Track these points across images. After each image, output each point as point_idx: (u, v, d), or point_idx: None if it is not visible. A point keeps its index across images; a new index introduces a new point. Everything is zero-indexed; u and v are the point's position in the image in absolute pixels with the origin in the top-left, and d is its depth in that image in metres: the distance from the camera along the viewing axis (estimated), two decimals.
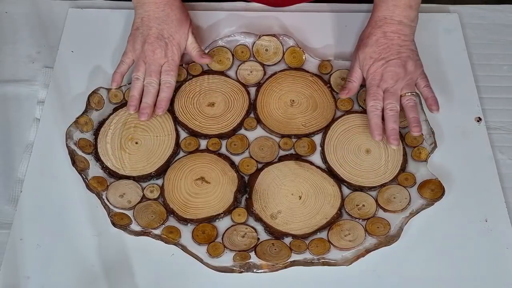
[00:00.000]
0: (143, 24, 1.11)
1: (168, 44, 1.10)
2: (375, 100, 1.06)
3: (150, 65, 1.10)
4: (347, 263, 0.96)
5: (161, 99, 1.10)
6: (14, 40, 1.24)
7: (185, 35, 1.13)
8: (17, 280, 0.97)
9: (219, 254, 0.97)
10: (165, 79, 1.10)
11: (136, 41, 1.11)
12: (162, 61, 1.10)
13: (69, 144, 1.05)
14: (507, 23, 1.28)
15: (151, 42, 1.09)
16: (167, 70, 1.10)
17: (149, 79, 1.10)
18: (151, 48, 1.09)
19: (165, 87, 1.10)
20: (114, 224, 0.98)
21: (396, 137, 1.04)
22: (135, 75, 1.10)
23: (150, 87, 1.10)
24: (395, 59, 1.07)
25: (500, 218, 1.04)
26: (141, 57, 1.10)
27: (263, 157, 1.09)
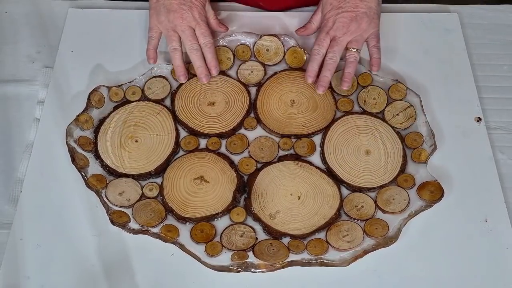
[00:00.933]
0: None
1: (192, 7, 1.11)
2: (319, 46, 1.11)
3: (184, 31, 1.11)
4: (345, 264, 0.96)
5: (210, 60, 1.13)
6: (14, 40, 1.24)
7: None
8: (17, 280, 0.97)
9: (217, 253, 0.97)
10: (204, 41, 1.12)
11: (160, 13, 1.11)
12: (193, 24, 1.11)
13: (69, 142, 1.05)
14: (507, 23, 1.28)
15: (175, 9, 1.10)
16: (202, 32, 1.12)
17: (190, 44, 1.11)
18: (178, 15, 1.10)
19: (207, 48, 1.12)
20: (112, 222, 0.98)
21: (325, 86, 1.10)
22: (172, 46, 1.12)
23: (194, 50, 1.11)
24: (350, 12, 1.10)
25: (500, 218, 1.04)
26: (170, 27, 1.11)
27: (263, 157, 1.09)
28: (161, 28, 1.12)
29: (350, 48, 1.11)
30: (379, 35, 1.13)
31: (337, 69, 1.13)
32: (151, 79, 1.16)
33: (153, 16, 1.12)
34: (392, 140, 1.09)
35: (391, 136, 1.09)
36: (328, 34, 1.10)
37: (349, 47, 1.11)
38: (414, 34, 1.24)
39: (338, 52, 1.10)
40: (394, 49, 1.19)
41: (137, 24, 1.25)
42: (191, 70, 1.17)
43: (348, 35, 1.10)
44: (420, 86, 1.15)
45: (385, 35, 1.22)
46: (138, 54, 1.20)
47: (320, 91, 1.10)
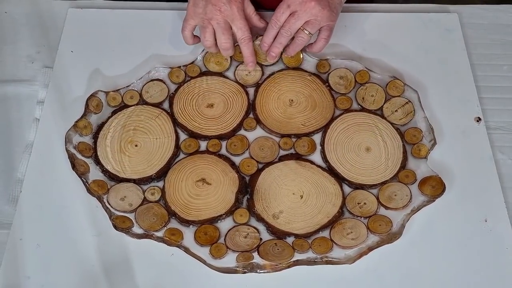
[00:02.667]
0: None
1: (231, 1, 1.09)
2: (278, 18, 1.11)
3: (220, 23, 1.10)
4: (350, 261, 0.96)
5: (248, 56, 1.14)
6: (14, 40, 1.24)
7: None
8: (17, 280, 0.97)
9: (222, 255, 0.97)
10: (242, 36, 1.12)
11: (198, 5, 1.10)
12: (230, 19, 1.10)
13: (69, 148, 1.05)
14: (507, 23, 1.29)
15: (214, 2, 1.08)
16: (240, 27, 1.11)
17: (224, 40, 1.12)
18: (216, 7, 1.09)
19: (245, 44, 1.12)
20: (116, 227, 0.98)
21: (274, 56, 1.15)
22: (205, 41, 1.12)
23: (226, 50, 1.13)
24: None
25: (500, 218, 1.04)
26: (206, 18, 1.10)
27: (264, 157, 1.08)
28: (197, 19, 1.11)
29: (303, 29, 1.11)
30: (333, 30, 1.14)
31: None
32: (148, 83, 1.15)
33: (191, 8, 1.12)
34: (391, 136, 1.09)
35: (391, 132, 1.10)
36: (289, 8, 1.10)
37: (303, 28, 1.11)
38: (414, 34, 1.24)
39: (293, 29, 1.11)
40: (394, 49, 1.19)
41: (137, 24, 1.25)
42: (188, 73, 1.17)
43: (308, 14, 1.09)
44: (420, 86, 1.14)
45: (385, 35, 1.23)
46: (138, 54, 1.20)
47: (271, 60, 1.16)
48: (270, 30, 1.12)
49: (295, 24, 1.10)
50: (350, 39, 1.23)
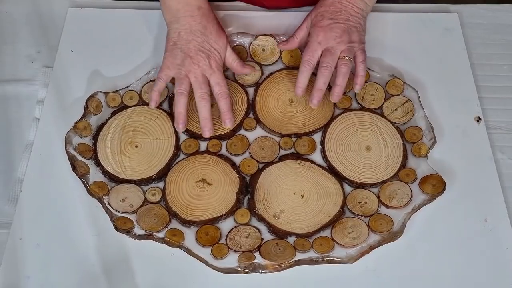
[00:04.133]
0: (180, 39, 1.08)
1: (210, 55, 1.07)
2: (311, 56, 1.08)
3: (197, 78, 1.06)
4: (351, 261, 0.96)
5: (224, 111, 1.07)
6: (14, 40, 1.24)
7: (224, 45, 1.10)
8: (17, 279, 0.96)
9: (223, 256, 0.97)
10: (219, 91, 1.07)
11: (176, 57, 1.07)
12: (208, 73, 1.07)
13: (69, 150, 1.05)
14: (507, 22, 1.29)
15: (192, 55, 1.06)
16: (218, 82, 1.07)
17: (201, 92, 1.05)
18: (194, 61, 1.06)
19: (222, 99, 1.07)
20: (117, 228, 0.97)
21: (319, 99, 1.08)
22: (179, 89, 1.05)
23: (204, 100, 1.05)
24: (342, 23, 1.09)
25: (500, 218, 1.04)
26: (184, 71, 1.06)
27: (264, 157, 1.08)
28: (174, 71, 1.07)
29: (343, 57, 1.08)
30: (365, 52, 1.11)
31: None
32: (148, 83, 1.15)
33: (167, 58, 1.08)
34: (391, 135, 1.09)
35: (391, 131, 1.10)
36: (320, 44, 1.08)
37: (342, 56, 1.08)
38: (414, 33, 1.24)
39: (332, 62, 1.07)
40: (394, 49, 1.19)
41: (137, 24, 1.25)
42: None
43: (341, 45, 1.08)
44: (420, 86, 1.14)
45: (385, 34, 1.23)
46: (138, 54, 1.20)
47: (313, 106, 1.08)
48: (304, 73, 1.08)
49: (333, 58, 1.07)
50: None
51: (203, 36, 1.07)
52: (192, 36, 1.07)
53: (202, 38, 1.07)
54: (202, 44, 1.07)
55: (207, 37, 1.08)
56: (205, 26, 1.08)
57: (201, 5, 1.08)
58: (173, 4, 1.08)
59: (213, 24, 1.09)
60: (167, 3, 1.08)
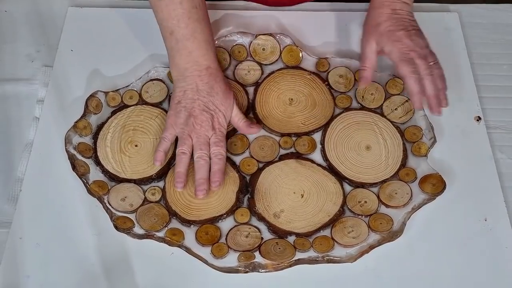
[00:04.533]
0: (186, 97, 1.04)
1: (214, 116, 1.05)
2: (413, 65, 1.05)
3: (199, 138, 1.04)
4: (351, 260, 0.96)
5: (215, 171, 1.03)
6: (13, 39, 1.24)
7: (230, 106, 1.07)
8: (17, 279, 0.96)
9: (223, 255, 0.97)
10: (216, 151, 1.04)
11: (179, 116, 1.04)
12: (210, 134, 1.04)
13: (69, 149, 1.05)
14: (507, 22, 1.29)
15: (196, 115, 1.04)
16: (216, 141, 1.04)
17: (200, 152, 1.03)
18: (197, 121, 1.04)
19: (217, 159, 1.04)
20: (117, 228, 0.97)
21: (439, 102, 1.05)
22: (181, 149, 1.03)
23: (202, 160, 1.03)
24: (414, 30, 1.08)
25: (499, 218, 1.04)
26: (187, 131, 1.04)
27: (264, 156, 1.08)
28: (177, 130, 1.05)
29: (431, 62, 1.06)
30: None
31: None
32: (148, 83, 1.15)
33: (171, 117, 1.05)
34: (391, 134, 1.09)
35: (391, 130, 1.10)
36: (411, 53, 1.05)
37: (429, 61, 1.06)
38: None
39: (432, 66, 1.06)
40: None
41: (137, 23, 1.25)
42: None
43: (425, 50, 1.07)
44: None
45: None
46: (137, 53, 1.20)
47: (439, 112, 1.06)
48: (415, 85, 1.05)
49: (427, 62, 1.06)
50: (350, 38, 1.23)
51: (209, 96, 1.04)
52: (197, 95, 1.04)
53: (207, 98, 1.04)
54: (207, 104, 1.04)
55: (213, 98, 1.04)
56: (212, 86, 1.05)
57: (210, 65, 1.05)
58: (181, 62, 1.04)
59: (221, 84, 1.06)
60: (176, 61, 1.05)
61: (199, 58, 1.03)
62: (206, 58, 1.04)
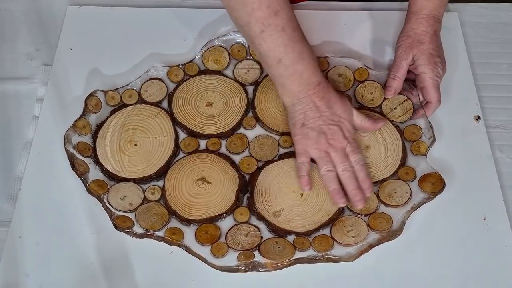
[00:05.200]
0: (308, 118, 1.02)
1: (341, 126, 1.03)
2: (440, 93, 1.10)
3: (337, 152, 1.02)
4: (351, 259, 0.96)
5: (363, 179, 1.02)
6: (13, 38, 1.24)
7: (351, 111, 1.05)
8: (16, 278, 0.96)
9: (223, 254, 0.97)
10: (355, 159, 1.03)
11: (308, 137, 1.03)
12: (344, 144, 1.03)
13: (68, 148, 1.04)
14: (506, 21, 1.29)
15: (325, 131, 1.02)
16: (352, 150, 1.03)
17: (343, 165, 1.02)
18: (329, 137, 1.02)
19: (359, 167, 1.03)
20: (116, 227, 0.97)
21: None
22: (326, 168, 1.02)
23: (348, 173, 1.02)
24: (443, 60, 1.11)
25: (498, 217, 1.04)
26: (322, 149, 1.03)
27: (263, 155, 1.08)
28: (311, 152, 1.04)
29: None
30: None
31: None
32: (147, 82, 1.15)
33: (301, 141, 1.04)
34: (391, 134, 1.09)
35: (390, 130, 1.10)
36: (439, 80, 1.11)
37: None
38: None
39: None
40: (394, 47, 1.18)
41: (136, 22, 1.24)
42: (187, 71, 1.17)
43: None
44: None
45: (384, 34, 1.23)
46: (137, 52, 1.20)
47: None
48: (434, 91, 1.10)
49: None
50: (349, 37, 1.23)
51: (329, 109, 1.03)
52: (319, 113, 1.03)
53: (329, 111, 1.03)
54: (331, 117, 1.03)
55: (332, 109, 1.03)
56: (328, 99, 1.03)
57: (321, 81, 1.03)
58: (294, 87, 1.02)
59: (334, 94, 1.04)
60: (289, 87, 1.03)
61: (311, 77, 1.02)
62: (316, 75, 1.02)
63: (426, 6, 1.10)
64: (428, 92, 1.09)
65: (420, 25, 1.10)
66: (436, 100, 1.09)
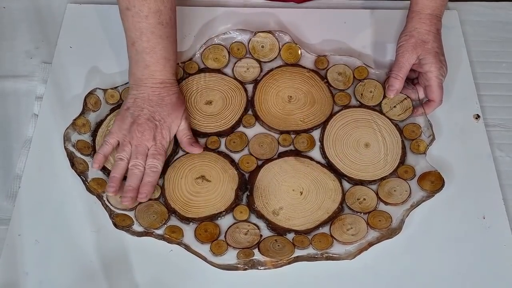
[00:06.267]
0: (135, 105, 1.05)
1: (158, 126, 1.04)
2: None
3: (137, 146, 1.03)
4: (350, 257, 0.96)
5: (145, 184, 1.02)
6: (12, 36, 1.24)
7: (177, 120, 1.06)
8: (16, 276, 0.96)
9: (222, 252, 0.97)
10: (151, 163, 1.03)
11: (124, 121, 1.04)
12: (149, 144, 1.04)
13: (68, 146, 1.05)
14: (506, 20, 1.29)
15: (140, 123, 1.03)
16: (154, 153, 1.04)
17: (135, 161, 1.03)
18: (140, 129, 1.03)
19: (150, 171, 1.03)
20: (116, 225, 0.97)
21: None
22: (119, 155, 1.03)
23: (136, 169, 1.03)
24: (444, 59, 1.11)
25: (497, 215, 1.04)
26: (128, 137, 1.04)
27: (263, 154, 1.09)
28: (120, 135, 1.05)
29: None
30: None
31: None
32: None
33: (117, 122, 1.05)
34: (390, 132, 1.10)
35: (389, 128, 1.10)
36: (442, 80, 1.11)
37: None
38: None
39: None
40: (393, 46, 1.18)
41: None
42: (187, 70, 1.17)
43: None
44: None
45: (384, 32, 1.24)
46: None
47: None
48: (439, 90, 1.11)
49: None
50: (349, 36, 1.24)
51: (157, 106, 1.04)
52: (145, 104, 1.04)
53: (155, 108, 1.04)
54: (153, 114, 1.04)
55: (161, 108, 1.04)
56: (162, 98, 1.05)
57: (165, 80, 1.06)
58: (138, 73, 1.05)
59: (172, 97, 1.06)
60: (133, 71, 1.06)
61: (155, 73, 1.04)
62: (162, 73, 1.05)
63: (428, 5, 1.11)
64: (433, 91, 1.09)
65: (423, 24, 1.10)
66: (440, 99, 1.10)
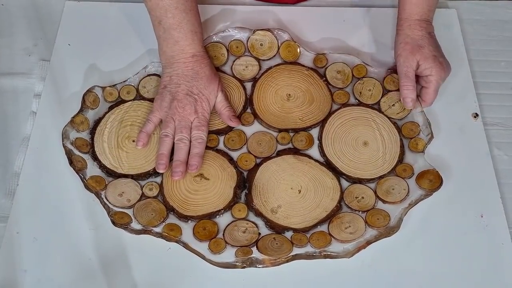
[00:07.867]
0: (171, 82, 1.08)
1: (197, 100, 1.07)
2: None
3: (180, 121, 1.06)
4: (348, 255, 0.96)
5: (193, 155, 1.05)
6: (10, 33, 1.24)
7: (214, 91, 1.09)
8: (14, 273, 0.96)
9: (221, 250, 0.97)
10: (196, 134, 1.06)
11: (164, 99, 1.07)
12: (192, 117, 1.06)
13: (66, 144, 1.04)
14: (505, 19, 1.29)
15: (180, 99, 1.06)
16: (198, 125, 1.07)
17: (180, 135, 1.05)
18: (180, 104, 1.06)
19: (197, 143, 1.06)
20: (114, 223, 0.97)
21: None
22: (164, 132, 1.06)
23: (182, 143, 1.05)
24: (445, 59, 1.11)
25: (495, 214, 1.04)
26: (170, 114, 1.06)
27: (261, 152, 1.08)
28: (162, 113, 1.07)
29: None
30: None
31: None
32: (145, 78, 1.15)
33: (157, 101, 1.08)
34: (389, 130, 1.10)
35: (388, 126, 1.10)
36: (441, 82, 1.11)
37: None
38: None
39: None
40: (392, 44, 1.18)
41: (134, 17, 1.24)
42: None
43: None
44: None
45: (383, 31, 1.24)
46: (135, 48, 1.20)
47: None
48: (434, 94, 1.11)
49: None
50: (348, 34, 1.23)
51: (193, 81, 1.07)
52: (182, 80, 1.07)
53: (191, 82, 1.07)
54: (191, 88, 1.07)
55: (197, 82, 1.07)
56: (196, 72, 1.07)
57: (196, 53, 1.08)
58: (168, 50, 1.08)
59: (205, 70, 1.08)
60: (163, 49, 1.08)
61: (185, 47, 1.07)
62: (192, 46, 1.07)
63: (415, 11, 1.11)
64: (429, 93, 1.09)
65: (414, 30, 1.10)
66: (431, 102, 1.11)
